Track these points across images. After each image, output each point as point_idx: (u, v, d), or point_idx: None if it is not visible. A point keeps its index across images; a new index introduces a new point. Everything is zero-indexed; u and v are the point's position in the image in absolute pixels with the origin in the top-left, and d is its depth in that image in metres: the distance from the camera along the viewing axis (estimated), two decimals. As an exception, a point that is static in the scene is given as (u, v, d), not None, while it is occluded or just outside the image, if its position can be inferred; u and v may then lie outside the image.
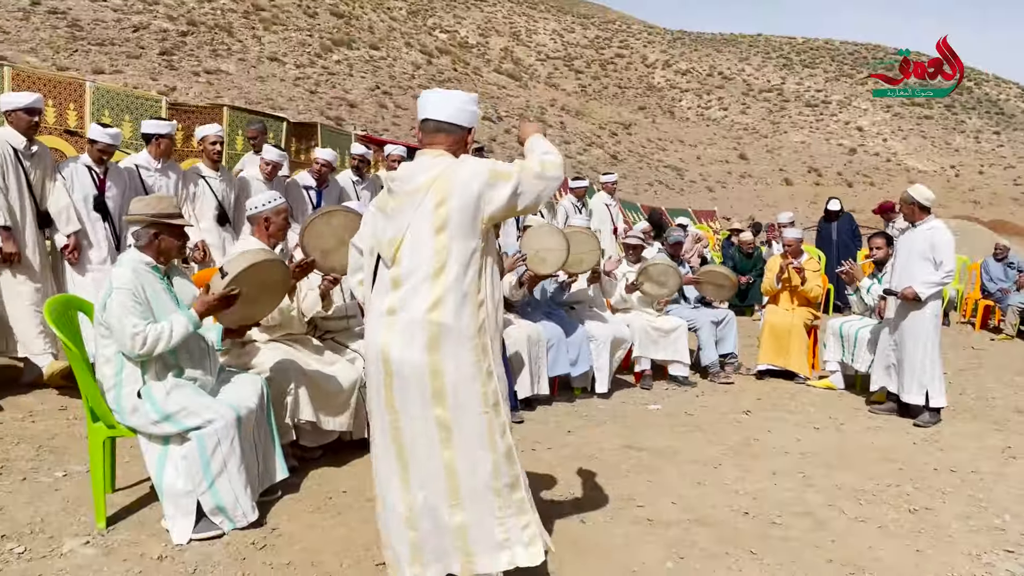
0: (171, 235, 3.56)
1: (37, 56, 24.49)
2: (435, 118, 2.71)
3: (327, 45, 40.52)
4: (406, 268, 2.65)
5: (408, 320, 2.64)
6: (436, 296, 2.61)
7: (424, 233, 2.61)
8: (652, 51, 75.82)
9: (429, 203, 2.60)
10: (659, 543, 3.62)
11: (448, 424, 2.67)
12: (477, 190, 2.60)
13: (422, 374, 2.64)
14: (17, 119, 5.09)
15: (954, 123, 65.54)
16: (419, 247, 2.62)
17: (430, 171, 2.65)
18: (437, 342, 2.62)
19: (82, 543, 3.27)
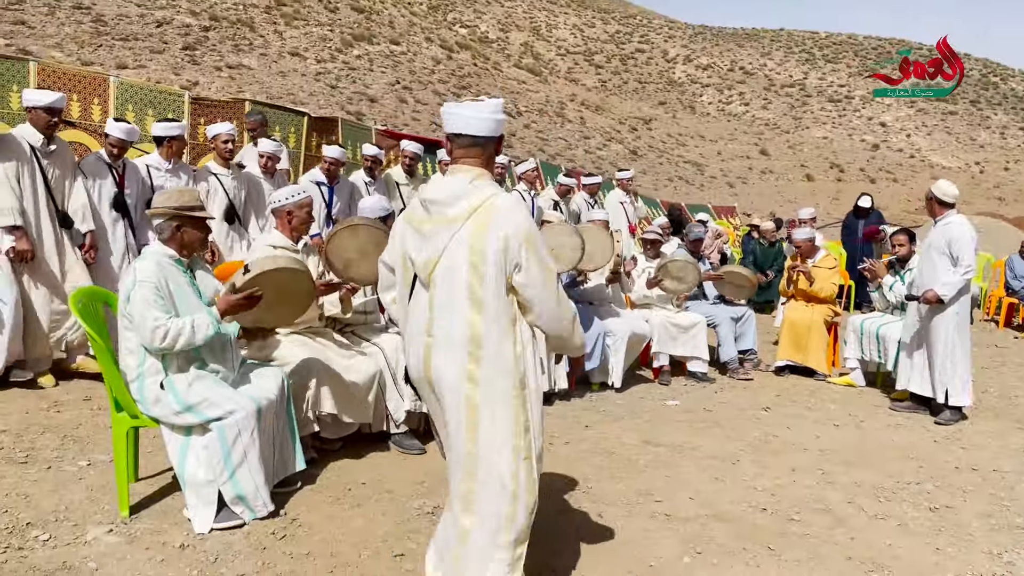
0: (194, 227, 3.59)
1: (62, 51, 24.76)
2: (468, 133, 2.64)
3: (348, 40, 40.65)
4: (442, 293, 2.62)
5: (446, 345, 2.62)
6: (473, 326, 2.59)
7: (460, 260, 2.57)
8: (673, 46, 75.44)
9: (465, 233, 2.57)
10: (676, 538, 3.62)
11: (475, 459, 2.66)
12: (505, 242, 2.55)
13: (458, 400, 2.63)
14: (37, 116, 5.08)
15: (979, 119, 64.71)
16: (455, 273, 2.59)
17: (470, 198, 2.59)
18: (475, 377, 2.61)
19: (105, 531, 3.32)
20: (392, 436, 4.63)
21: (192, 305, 3.50)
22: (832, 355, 7.62)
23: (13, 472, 3.84)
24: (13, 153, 4.98)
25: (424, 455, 4.55)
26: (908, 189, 46.09)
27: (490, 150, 2.70)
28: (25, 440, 4.29)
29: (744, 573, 3.30)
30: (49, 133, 5.16)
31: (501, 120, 2.69)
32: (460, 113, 2.63)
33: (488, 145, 2.68)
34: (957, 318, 5.94)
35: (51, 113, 5.11)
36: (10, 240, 4.90)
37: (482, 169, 2.67)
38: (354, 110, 30.17)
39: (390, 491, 3.99)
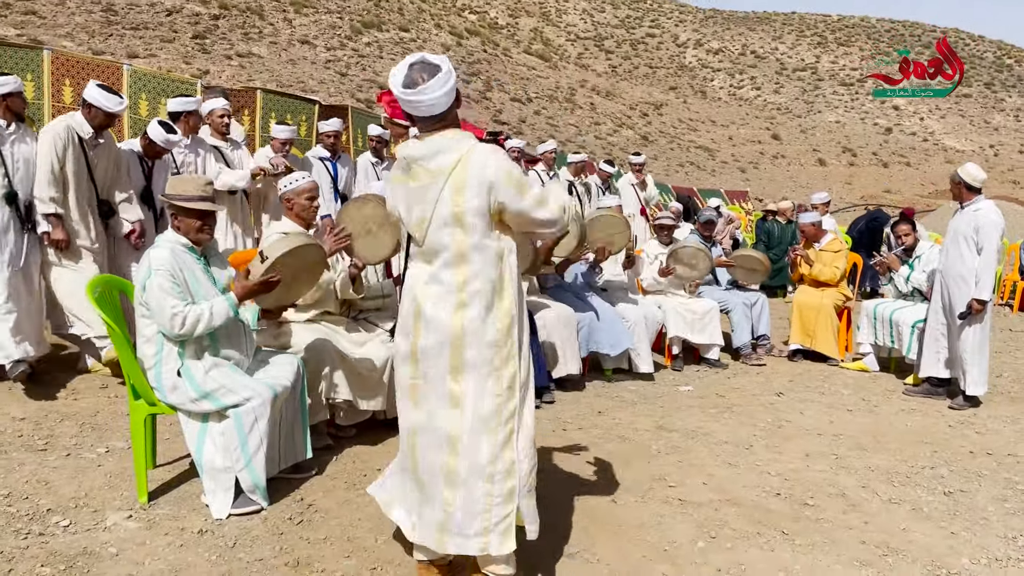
0: (188, 217, 3.54)
1: (73, 41, 24.82)
2: (432, 115, 2.66)
3: (357, 27, 40.56)
4: (434, 249, 2.68)
5: (443, 291, 2.67)
6: (464, 277, 2.64)
7: (447, 217, 2.62)
8: (683, 30, 74.94)
9: (451, 187, 2.61)
10: (690, 522, 3.63)
11: (459, 401, 2.69)
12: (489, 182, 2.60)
13: (444, 344, 2.67)
14: (94, 115, 5.05)
15: (993, 101, 64.11)
16: (443, 231, 2.64)
17: (450, 153, 2.63)
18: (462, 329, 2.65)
19: (125, 517, 3.36)
20: (406, 422, 4.65)
21: (207, 292, 3.52)
22: (845, 340, 7.60)
23: (33, 459, 3.89)
24: (60, 142, 4.97)
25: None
26: (921, 173, 45.73)
27: (453, 113, 2.73)
28: (44, 428, 4.34)
29: (758, 557, 3.31)
30: (99, 130, 5.17)
31: (454, 84, 2.68)
32: (417, 100, 2.60)
33: (450, 111, 2.70)
34: (990, 305, 5.89)
35: (109, 118, 5.15)
36: (47, 226, 4.94)
37: (453, 129, 2.70)
38: (364, 97, 30.13)
39: (405, 477, 4.01)
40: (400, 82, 2.62)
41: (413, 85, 2.60)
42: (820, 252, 7.54)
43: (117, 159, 5.41)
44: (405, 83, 2.62)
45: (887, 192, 40.65)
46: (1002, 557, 3.42)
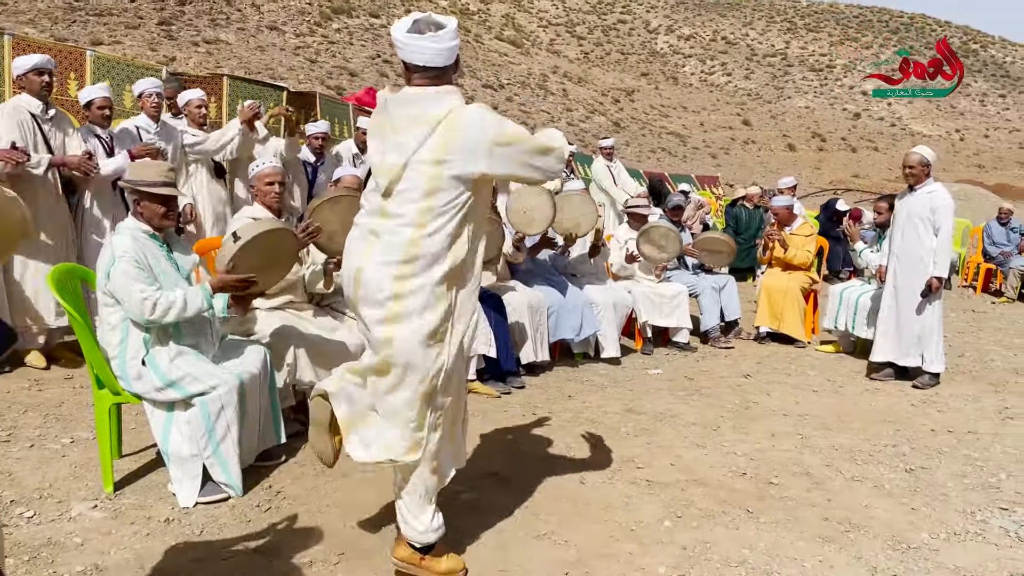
0: (152, 202, 3.48)
1: (35, 27, 24.34)
2: (431, 65, 2.62)
3: (327, 13, 40.15)
4: (396, 202, 2.63)
5: (386, 247, 2.63)
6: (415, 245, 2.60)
7: (421, 173, 2.58)
8: (655, 16, 75.02)
9: (431, 144, 2.57)
10: (657, 503, 3.67)
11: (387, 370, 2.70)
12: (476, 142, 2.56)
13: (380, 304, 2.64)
14: (29, 82, 5.02)
15: (959, 86, 64.95)
16: (413, 186, 2.59)
17: (439, 104, 2.59)
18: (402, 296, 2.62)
19: (90, 507, 3.33)
20: (376, 408, 4.65)
21: (171, 279, 3.49)
22: (812, 322, 7.70)
23: (-4, 451, 3.85)
24: (14, 122, 4.90)
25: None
26: (889, 158, 46.30)
27: (450, 74, 2.70)
28: (7, 419, 4.28)
29: (723, 535, 3.36)
30: (44, 97, 5.09)
31: (457, 43, 2.69)
32: (421, 46, 2.58)
33: (450, 70, 2.69)
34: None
35: (41, 74, 5.04)
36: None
37: (446, 85, 2.68)
38: (334, 84, 29.88)
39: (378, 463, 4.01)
40: (405, 28, 2.61)
41: (419, 33, 2.60)
42: (792, 236, 7.62)
43: (72, 131, 5.34)
44: (410, 30, 2.61)
45: (855, 177, 41.11)
46: (960, 531, 3.50)
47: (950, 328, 7.81)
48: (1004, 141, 54.11)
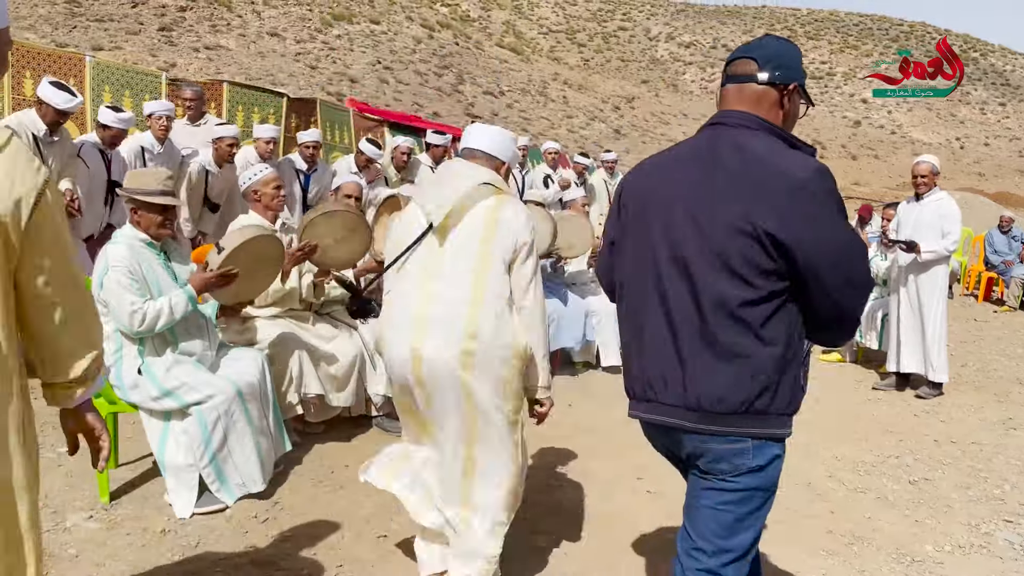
0: (149, 211, 3.45)
1: (35, 33, 24.35)
2: (489, 152, 2.79)
3: (327, 20, 40.20)
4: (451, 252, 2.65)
5: (445, 318, 2.59)
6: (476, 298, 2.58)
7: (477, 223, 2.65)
8: (655, 24, 75.16)
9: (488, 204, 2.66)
10: (659, 514, 3.64)
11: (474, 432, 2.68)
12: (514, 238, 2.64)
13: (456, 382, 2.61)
14: (46, 112, 4.98)
15: (959, 94, 64.93)
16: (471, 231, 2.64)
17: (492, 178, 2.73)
18: (471, 356, 2.57)
19: (86, 517, 3.30)
20: (374, 419, 4.63)
21: (167, 288, 3.46)
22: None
23: (-9, 459, 3.80)
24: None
25: (407, 436, 4.54)
26: (889, 165, 46.28)
27: (503, 170, 2.83)
28: (3, 427, 4.24)
29: (726, 548, 3.32)
30: (53, 128, 5.08)
31: (511, 146, 2.88)
32: (475, 130, 2.86)
33: (496, 162, 2.81)
34: (944, 297, 6.00)
35: (60, 115, 5.04)
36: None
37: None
38: (335, 91, 29.89)
39: (373, 473, 3.98)
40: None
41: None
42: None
43: (71, 156, 5.32)
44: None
45: (856, 184, 41.08)
46: (965, 544, 3.47)
47: (952, 338, 7.77)
48: (1004, 149, 54.10)
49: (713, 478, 1.96)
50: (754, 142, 1.88)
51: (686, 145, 2.04)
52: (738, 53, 2.05)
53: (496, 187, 2.70)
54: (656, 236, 1.96)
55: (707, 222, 1.85)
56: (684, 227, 1.89)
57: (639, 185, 2.09)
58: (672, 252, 1.91)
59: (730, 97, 2.01)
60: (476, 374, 2.57)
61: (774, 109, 1.98)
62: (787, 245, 1.75)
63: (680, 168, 1.98)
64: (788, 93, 1.98)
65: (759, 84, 1.96)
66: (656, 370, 1.97)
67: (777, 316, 1.83)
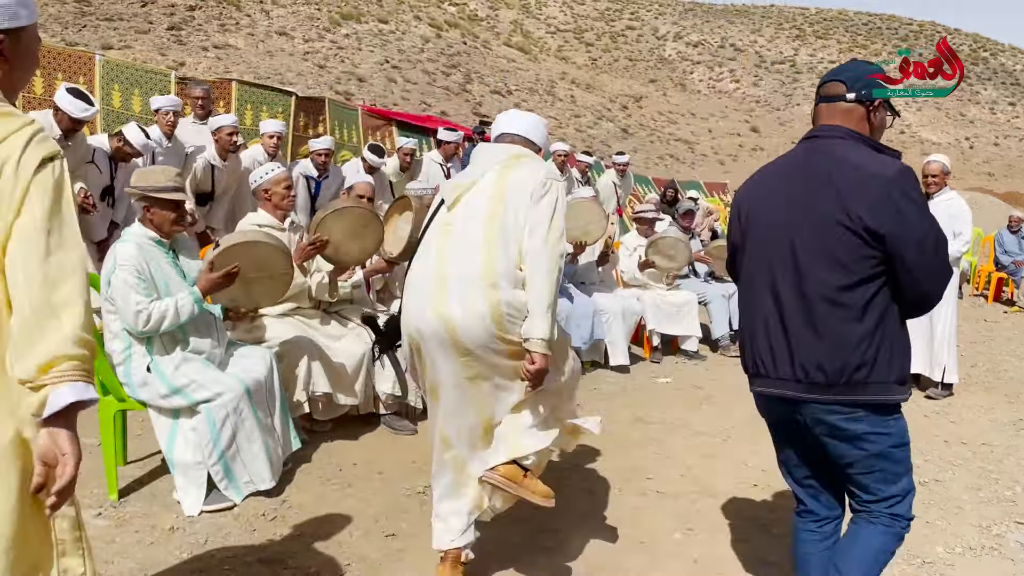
0: (162, 208, 3.46)
1: (46, 32, 24.44)
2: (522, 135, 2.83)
3: (336, 19, 40.24)
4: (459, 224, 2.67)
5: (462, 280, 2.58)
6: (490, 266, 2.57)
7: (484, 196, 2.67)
8: (663, 23, 75.02)
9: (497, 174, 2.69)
10: (668, 514, 3.62)
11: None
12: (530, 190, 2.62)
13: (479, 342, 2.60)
14: (61, 118, 5.00)
15: (969, 94, 64.70)
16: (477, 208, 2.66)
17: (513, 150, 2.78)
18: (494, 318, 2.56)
19: (94, 515, 3.30)
20: (382, 417, 4.62)
21: (176, 286, 3.46)
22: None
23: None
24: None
25: (415, 435, 4.54)
26: (898, 165, 46.03)
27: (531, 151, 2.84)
28: (12, 424, 4.25)
29: (736, 549, 3.31)
30: (68, 133, 5.08)
31: (547, 136, 2.93)
32: (507, 117, 2.89)
33: (532, 147, 2.85)
34: (954, 297, 5.98)
35: (76, 123, 5.06)
36: None
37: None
38: (343, 90, 29.92)
39: (381, 472, 3.99)
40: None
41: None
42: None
43: (84, 161, 5.34)
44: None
45: (865, 184, 40.91)
46: (976, 546, 3.44)
47: (962, 338, 7.73)
48: (1014, 149, 53.83)
49: (837, 443, 2.26)
50: (846, 150, 2.23)
51: (787, 157, 2.42)
52: (828, 77, 2.44)
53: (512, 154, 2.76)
54: (768, 235, 2.32)
55: (811, 220, 2.20)
56: (791, 226, 2.24)
57: (751, 194, 2.46)
58: (781, 247, 2.26)
59: (823, 114, 2.38)
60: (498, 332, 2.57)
61: (862, 122, 2.34)
62: (880, 234, 2.08)
63: (784, 176, 2.35)
64: (874, 108, 2.37)
65: (847, 102, 2.33)
66: (766, 349, 2.30)
67: (872, 298, 2.14)
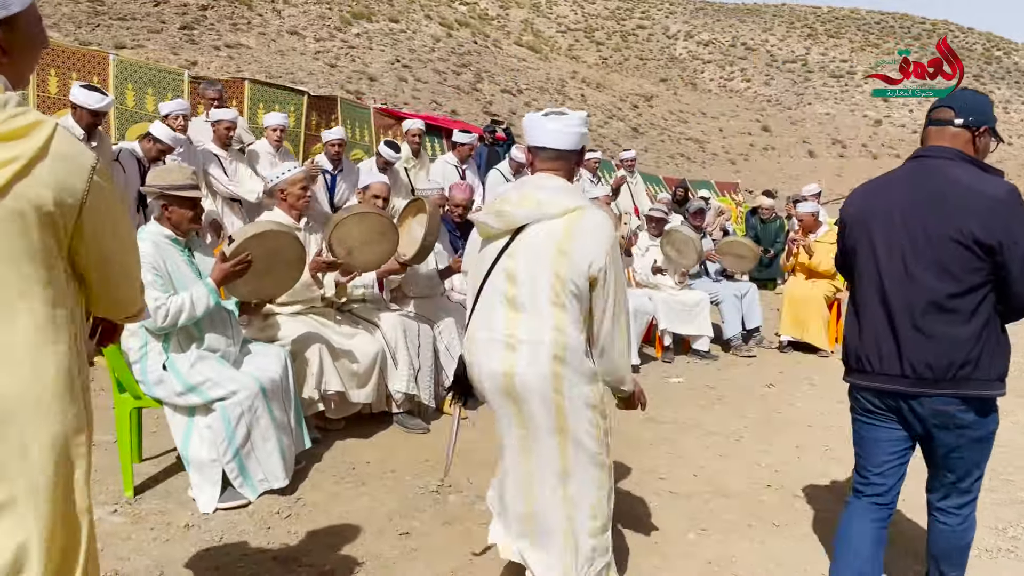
0: (180, 207, 3.50)
1: (59, 31, 24.58)
2: (552, 147, 2.56)
3: (347, 18, 40.33)
4: (526, 289, 2.50)
5: (533, 344, 2.48)
6: (560, 324, 2.47)
7: (544, 250, 2.47)
8: (674, 22, 74.84)
9: (556, 228, 2.46)
10: (681, 514, 3.62)
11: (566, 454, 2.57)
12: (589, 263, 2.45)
13: (547, 399, 2.50)
14: (81, 115, 5.07)
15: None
16: (540, 271, 2.48)
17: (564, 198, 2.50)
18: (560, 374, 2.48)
19: (110, 511, 3.32)
20: (395, 416, 4.64)
21: (191, 284, 3.48)
22: (835, 331, 7.60)
23: (17, 453, 3.84)
24: None
25: (427, 434, 4.55)
26: (911, 165, 45.80)
27: (572, 162, 2.63)
28: (28, 421, 4.28)
29: (749, 549, 3.30)
30: (90, 131, 5.13)
31: (585, 133, 2.62)
32: (545, 127, 2.56)
33: (571, 157, 2.61)
34: None
35: (96, 116, 5.12)
36: None
37: (566, 180, 2.60)
38: (354, 89, 29.97)
39: (394, 470, 3.99)
40: (538, 114, 2.60)
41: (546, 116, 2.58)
42: (816, 243, 7.52)
43: (109, 161, 5.38)
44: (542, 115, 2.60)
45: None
46: (992, 548, 3.42)
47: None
48: (1028, 148, 53.45)
49: (940, 432, 2.49)
50: (956, 170, 2.44)
51: (896, 173, 2.62)
52: (939, 103, 2.65)
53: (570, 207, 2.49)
54: (878, 243, 2.53)
55: (921, 232, 2.41)
56: (901, 237, 2.46)
57: (863, 205, 2.64)
58: (891, 256, 2.48)
59: (932, 135, 2.59)
60: (565, 393, 2.49)
61: (968, 145, 2.52)
62: (990, 247, 2.30)
63: (893, 191, 2.55)
64: (979, 134, 2.54)
65: (955, 127, 2.52)
66: (873, 349, 2.54)
67: (978, 305, 2.37)
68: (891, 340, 2.48)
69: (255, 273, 3.59)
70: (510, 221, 2.53)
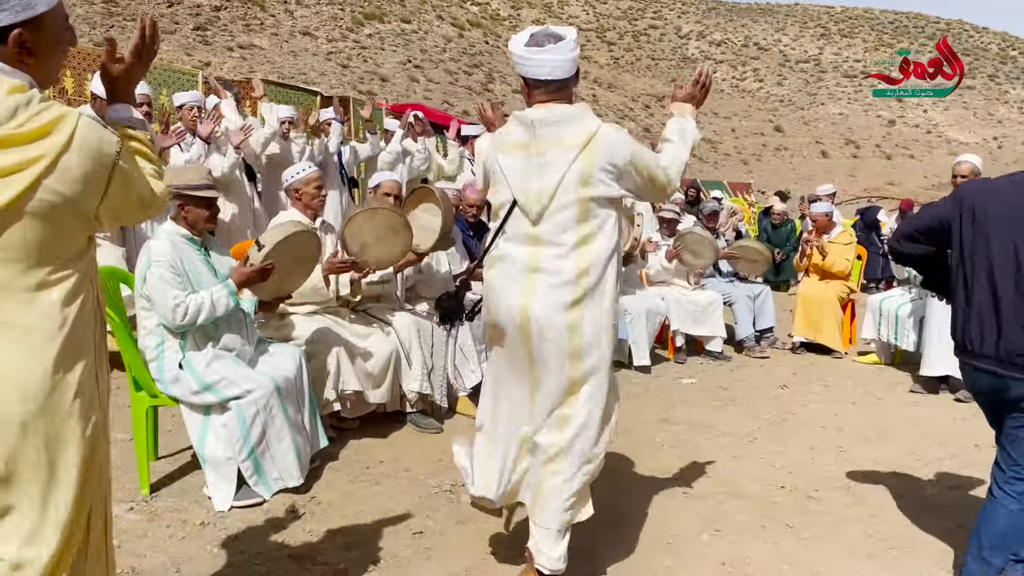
0: (196, 206, 3.53)
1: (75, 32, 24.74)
2: (554, 78, 2.58)
3: (359, 19, 40.43)
4: (552, 228, 2.57)
5: (555, 282, 2.55)
6: (586, 264, 2.55)
7: (572, 193, 2.54)
8: (686, 22, 74.67)
9: (579, 165, 2.53)
10: (694, 515, 3.61)
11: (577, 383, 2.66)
12: (623, 160, 2.56)
13: (562, 334, 2.57)
14: (100, 107, 5.11)
15: (997, 93, 63.84)
16: (567, 209, 2.55)
17: (584, 123, 2.57)
18: (580, 304, 2.56)
19: (126, 509, 3.35)
20: (409, 415, 4.65)
21: (207, 283, 3.50)
22: (849, 332, 7.57)
23: (34, 451, 3.87)
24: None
25: (440, 433, 4.56)
26: (925, 165, 45.61)
27: (572, 86, 2.67)
28: (45, 419, 4.31)
29: (763, 550, 3.29)
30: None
31: (577, 53, 2.66)
32: (543, 60, 2.55)
33: (571, 82, 2.65)
34: None
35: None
36: None
37: (580, 103, 2.66)
38: (365, 89, 30.05)
39: (408, 469, 4.01)
40: (523, 42, 2.58)
41: (538, 45, 2.56)
42: (830, 244, 7.48)
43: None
44: (528, 43, 2.57)
45: (890, 184, 40.55)
46: None
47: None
48: (1043, 149, 53.06)
49: None
50: None
51: (1018, 174, 2.82)
52: None
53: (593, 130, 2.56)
54: (993, 233, 2.71)
55: None
56: (1018, 229, 2.66)
57: (983, 194, 2.81)
58: (1006, 248, 2.67)
59: None
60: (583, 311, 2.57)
61: None
62: None
63: (1014, 186, 2.76)
64: None
65: None
66: (977, 331, 2.76)
67: None
68: (994, 326, 2.70)
69: (279, 274, 3.62)
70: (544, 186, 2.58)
